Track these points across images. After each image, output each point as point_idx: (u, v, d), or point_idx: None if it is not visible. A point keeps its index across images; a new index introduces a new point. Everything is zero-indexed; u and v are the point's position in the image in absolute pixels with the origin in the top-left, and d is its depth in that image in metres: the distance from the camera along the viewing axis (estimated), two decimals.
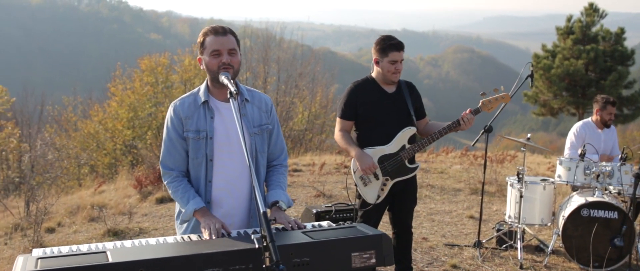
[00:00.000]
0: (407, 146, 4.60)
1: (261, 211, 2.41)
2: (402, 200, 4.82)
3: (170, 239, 2.80)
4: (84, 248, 2.63)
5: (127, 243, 2.72)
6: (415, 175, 4.81)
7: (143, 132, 28.07)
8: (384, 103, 4.65)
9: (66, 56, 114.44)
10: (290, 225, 3.00)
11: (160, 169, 3.24)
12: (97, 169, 27.15)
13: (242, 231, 3.00)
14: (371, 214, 4.77)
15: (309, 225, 3.03)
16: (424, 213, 8.10)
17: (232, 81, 2.97)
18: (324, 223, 3.08)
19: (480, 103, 4.69)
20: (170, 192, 3.22)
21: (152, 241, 2.76)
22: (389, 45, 4.56)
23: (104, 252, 2.50)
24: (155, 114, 30.67)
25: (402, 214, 4.88)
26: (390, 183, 4.65)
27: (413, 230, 7.23)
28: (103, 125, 28.51)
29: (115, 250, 2.56)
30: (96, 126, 28.62)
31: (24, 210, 9.63)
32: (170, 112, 3.22)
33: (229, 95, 2.81)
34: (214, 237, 2.88)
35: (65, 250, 2.62)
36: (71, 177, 25.76)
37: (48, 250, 2.61)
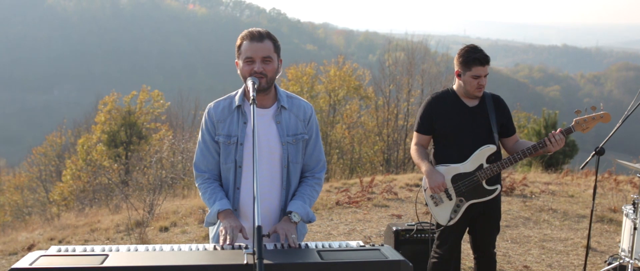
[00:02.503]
0: (485, 165, 4.24)
1: (256, 225, 2.30)
2: (482, 225, 4.48)
3: (185, 247, 2.75)
4: (98, 249, 2.65)
5: (142, 247, 2.69)
6: (497, 199, 4.44)
7: None
8: (462, 118, 4.33)
9: (226, 65, 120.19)
10: (286, 240, 2.85)
11: (194, 171, 3.21)
12: None
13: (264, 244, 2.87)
14: (447, 236, 4.48)
15: (335, 244, 2.85)
16: (536, 239, 7.55)
17: (255, 86, 2.87)
18: (353, 243, 2.89)
19: (573, 122, 4.26)
20: (200, 193, 3.18)
21: (167, 247, 2.72)
22: (472, 58, 4.21)
23: (107, 255, 2.50)
24: None
25: (483, 239, 4.52)
26: (464, 205, 4.32)
27: (518, 256, 6.83)
28: None
29: (119, 254, 2.55)
30: None
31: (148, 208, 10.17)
32: (205, 114, 3.19)
33: (250, 102, 2.74)
34: (228, 240, 2.80)
35: (79, 249, 2.64)
36: None
37: (62, 248, 2.65)
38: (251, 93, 2.77)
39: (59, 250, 2.61)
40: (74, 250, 2.62)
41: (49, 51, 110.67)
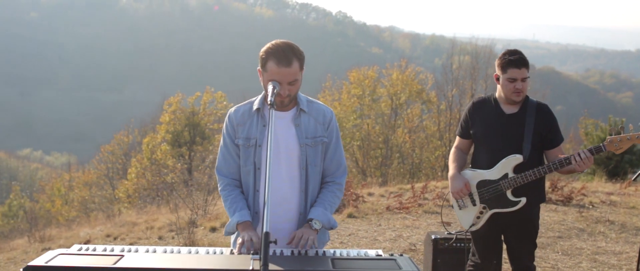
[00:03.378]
0: (511, 175, 4.13)
1: (264, 231, 2.31)
2: (512, 236, 4.37)
3: (202, 250, 2.78)
4: (117, 249, 2.71)
5: (160, 249, 2.74)
6: (529, 211, 4.26)
7: (347, 143, 28.81)
8: (496, 125, 4.24)
9: None
10: (299, 245, 2.89)
11: (216, 176, 3.25)
12: None
13: (280, 250, 2.88)
14: (477, 243, 4.44)
15: (353, 252, 2.83)
16: (589, 251, 7.32)
17: (275, 91, 2.90)
18: (371, 252, 2.85)
19: (607, 141, 4.06)
20: (222, 199, 3.23)
21: (185, 250, 2.76)
22: (508, 61, 4.11)
23: (122, 255, 2.55)
24: (360, 126, 31.37)
25: (515, 252, 4.39)
26: (487, 213, 4.24)
27: (567, 269, 6.64)
28: None
29: (135, 254, 2.61)
30: None
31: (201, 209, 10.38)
32: (226, 118, 3.25)
33: (268, 105, 2.78)
34: (244, 251, 2.84)
35: (100, 248, 2.71)
36: None
37: (84, 247, 2.72)
38: (269, 98, 2.81)
39: (80, 249, 2.69)
40: (95, 250, 2.69)
41: (120, 52, 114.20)
